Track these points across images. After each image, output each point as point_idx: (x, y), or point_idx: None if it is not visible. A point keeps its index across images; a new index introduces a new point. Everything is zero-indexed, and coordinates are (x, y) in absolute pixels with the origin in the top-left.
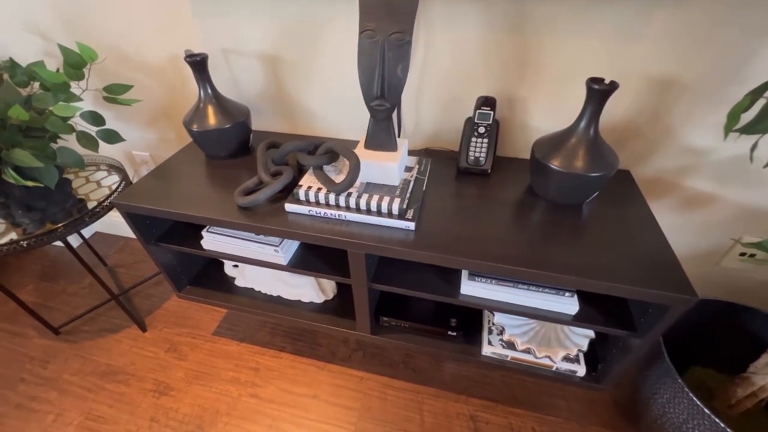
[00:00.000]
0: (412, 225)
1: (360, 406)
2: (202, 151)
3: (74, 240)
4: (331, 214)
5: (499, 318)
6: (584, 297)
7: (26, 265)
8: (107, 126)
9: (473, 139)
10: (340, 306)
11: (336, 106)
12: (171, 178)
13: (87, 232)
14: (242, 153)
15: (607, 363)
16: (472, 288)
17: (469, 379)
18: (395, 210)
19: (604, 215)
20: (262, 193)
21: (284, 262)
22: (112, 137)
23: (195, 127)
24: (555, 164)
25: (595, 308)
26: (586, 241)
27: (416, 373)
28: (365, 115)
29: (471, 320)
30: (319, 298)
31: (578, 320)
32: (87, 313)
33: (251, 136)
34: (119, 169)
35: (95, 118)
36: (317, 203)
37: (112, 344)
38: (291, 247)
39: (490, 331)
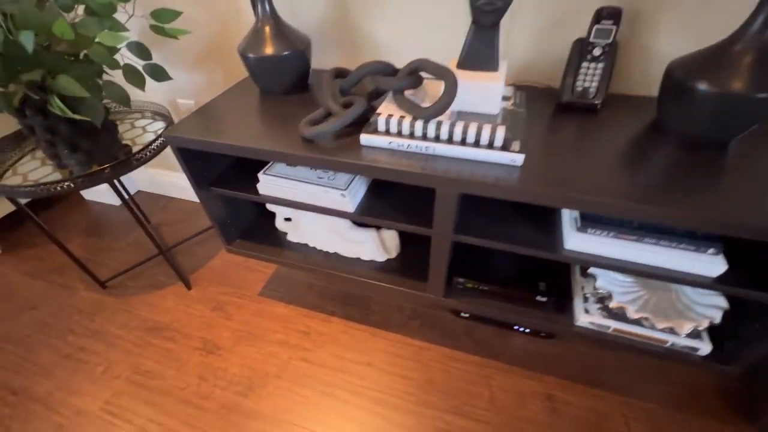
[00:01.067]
0: (519, 158)
1: (420, 378)
2: (257, 83)
3: (117, 197)
4: (416, 146)
5: (603, 282)
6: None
7: (73, 221)
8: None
9: (584, 65)
10: (404, 266)
11: (411, 35)
12: (224, 113)
13: (130, 187)
14: (300, 89)
15: (742, 340)
16: (581, 242)
17: (542, 355)
18: (498, 140)
19: (763, 156)
20: (332, 123)
21: (351, 208)
22: (159, 73)
23: (251, 54)
24: (704, 85)
25: (740, 269)
26: (744, 184)
27: (481, 345)
28: (445, 48)
29: (559, 285)
30: (380, 256)
31: (723, 283)
32: (133, 268)
33: (310, 72)
34: (165, 116)
35: (141, 50)
36: (399, 134)
37: (157, 300)
38: (358, 191)
39: (585, 299)
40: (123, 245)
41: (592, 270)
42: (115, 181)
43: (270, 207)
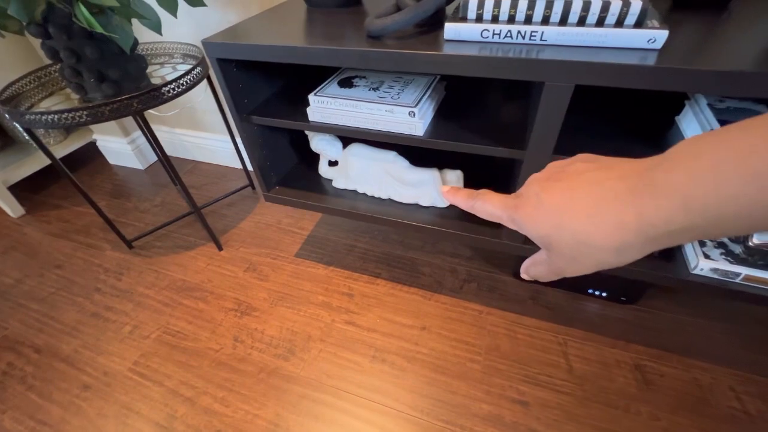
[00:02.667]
0: (660, 36)
1: (483, 344)
2: None
3: (142, 161)
4: (517, 33)
5: None
6: None
7: (97, 185)
8: None
9: None
10: (468, 213)
11: None
12: (269, 23)
13: (153, 153)
14: (353, 2)
15: None
16: None
17: (623, 321)
18: (633, 13)
19: None
20: (409, 12)
21: (421, 131)
22: None
23: None
24: None
25: None
26: None
27: (551, 311)
28: None
29: None
30: (442, 201)
31: None
32: (162, 227)
33: None
34: (196, 57)
35: None
36: (495, 20)
37: (186, 261)
38: (427, 112)
39: (702, 243)
40: (149, 207)
41: None
42: (146, 128)
43: (315, 147)
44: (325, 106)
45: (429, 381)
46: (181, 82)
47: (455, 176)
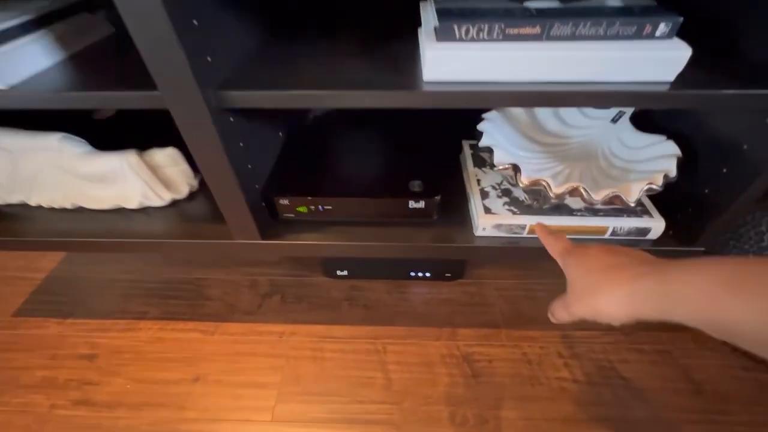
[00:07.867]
0: None
1: (281, 379)
2: None
3: None
4: None
5: (502, 155)
6: None
7: None
8: None
9: None
10: (206, 208)
11: None
12: None
13: None
14: None
15: (697, 209)
16: (447, 62)
17: (449, 302)
18: None
19: None
20: None
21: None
22: None
23: None
24: None
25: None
26: None
27: (369, 310)
28: None
29: (445, 185)
30: (157, 199)
31: (688, 87)
32: None
33: None
34: None
35: None
36: None
37: None
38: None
39: (485, 194)
40: None
41: (484, 139)
42: None
43: None
44: None
45: None
46: None
47: (165, 155)
